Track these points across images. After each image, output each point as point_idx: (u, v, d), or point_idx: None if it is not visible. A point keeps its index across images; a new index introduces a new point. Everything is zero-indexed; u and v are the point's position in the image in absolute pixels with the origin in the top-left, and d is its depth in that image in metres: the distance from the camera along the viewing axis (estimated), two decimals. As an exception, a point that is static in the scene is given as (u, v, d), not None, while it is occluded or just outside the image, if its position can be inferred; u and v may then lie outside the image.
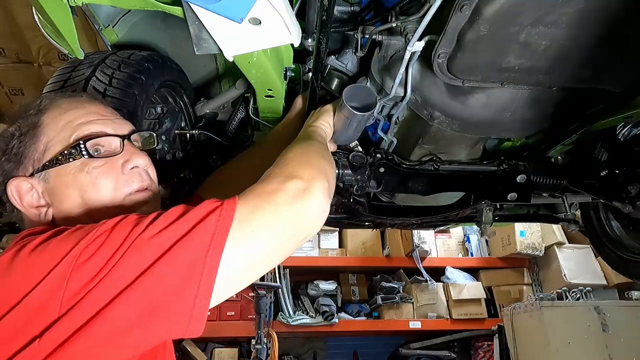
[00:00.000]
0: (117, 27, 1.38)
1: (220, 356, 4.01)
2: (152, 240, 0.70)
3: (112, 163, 0.92)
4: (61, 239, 0.73)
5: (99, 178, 0.90)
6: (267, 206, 0.78)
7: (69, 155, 0.89)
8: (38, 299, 0.67)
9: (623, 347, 2.97)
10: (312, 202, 0.82)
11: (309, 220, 0.83)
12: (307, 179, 0.84)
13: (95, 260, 0.68)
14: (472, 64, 1.01)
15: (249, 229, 0.75)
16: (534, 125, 1.28)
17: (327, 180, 0.88)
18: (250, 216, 0.76)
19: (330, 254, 4.45)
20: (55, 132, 0.91)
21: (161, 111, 1.41)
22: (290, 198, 0.80)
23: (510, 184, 1.48)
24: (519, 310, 3.33)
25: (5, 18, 2.84)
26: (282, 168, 0.88)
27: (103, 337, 0.66)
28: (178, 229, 0.72)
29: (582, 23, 0.91)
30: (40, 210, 0.90)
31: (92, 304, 0.66)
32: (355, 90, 1.13)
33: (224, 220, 0.74)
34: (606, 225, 1.81)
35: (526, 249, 4.24)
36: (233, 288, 0.76)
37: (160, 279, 0.69)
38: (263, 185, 0.83)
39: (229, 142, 1.58)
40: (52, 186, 0.89)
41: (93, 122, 0.93)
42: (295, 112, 1.44)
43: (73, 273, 0.67)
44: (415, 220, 1.70)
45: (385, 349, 4.63)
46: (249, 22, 0.90)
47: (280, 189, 0.81)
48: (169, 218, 0.74)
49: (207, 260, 0.70)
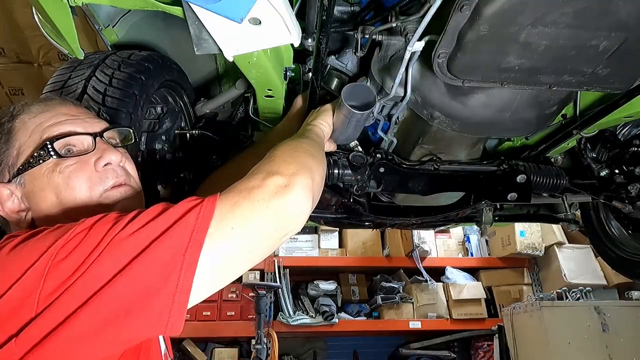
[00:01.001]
0: (117, 27, 1.38)
1: (220, 356, 4.01)
2: (130, 238, 0.70)
3: (84, 161, 0.92)
4: (39, 238, 0.73)
5: (71, 177, 0.90)
6: (246, 203, 0.78)
7: (38, 157, 0.89)
8: (15, 297, 0.67)
9: (623, 347, 2.97)
10: (292, 198, 0.81)
11: (289, 217, 0.82)
12: (288, 175, 0.83)
13: (72, 258, 0.68)
14: (472, 64, 1.01)
15: (228, 226, 0.75)
16: (534, 125, 1.28)
17: (311, 177, 0.87)
18: (230, 213, 0.76)
19: (330, 254, 4.45)
20: (26, 136, 0.92)
21: (161, 111, 1.41)
22: (270, 195, 0.79)
23: (510, 184, 1.48)
24: (519, 310, 3.33)
25: (5, 18, 2.84)
26: (266, 165, 0.87)
27: (80, 335, 0.66)
28: (157, 227, 0.72)
29: (582, 23, 0.91)
30: (20, 215, 0.90)
31: (69, 302, 0.66)
32: (355, 89, 1.13)
33: (203, 217, 0.73)
34: (606, 225, 1.81)
35: (526, 249, 4.24)
36: (213, 285, 0.75)
37: (138, 277, 0.68)
38: (245, 182, 0.83)
39: (228, 142, 1.58)
40: (29, 190, 0.90)
41: (62, 123, 0.93)
42: (295, 111, 1.44)
43: (50, 271, 0.67)
44: (415, 220, 1.70)
45: (385, 349, 4.63)
46: (249, 22, 0.90)
47: (260, 186, 0.80)
48: (148, 216, 0.74)
49: (185, 257, 0.70)
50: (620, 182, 1.52)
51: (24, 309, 0.66)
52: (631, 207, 1.51)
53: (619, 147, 1.55)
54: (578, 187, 1.58)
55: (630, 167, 1.51)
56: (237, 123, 1.58)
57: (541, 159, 1.59)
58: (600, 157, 1.59)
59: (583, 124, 1.35)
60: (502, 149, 1.64)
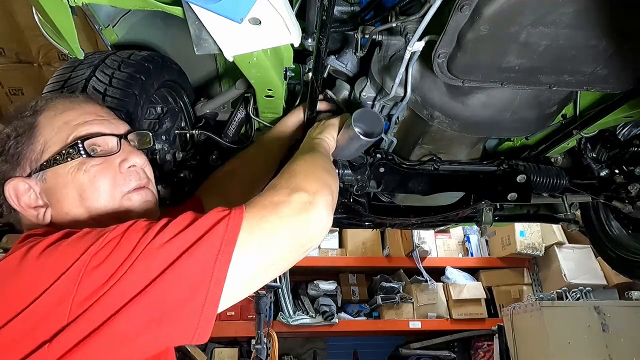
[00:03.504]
0: (117, 27, 1.38)
1: (220, 356, 4.01)
2: (162, 248, 0.72)
3: (109, 162, 0.93)
4: (71, 243, 0.73)
5: (96, 176, 0.90)
6: (273, 218, 0.80)
7: (67, 154, 0.90)
8: (48, 302, 0.68)
9: (623, 347, 2.97)
10: (316, 215, 0.85)
11: (312, 232, 0.85)
12: (312, 192, 0.86)
13: (105, 266, 0.69)
14: (472, 64, 1.01)
15: (256, 240, 0.77)
16: (534, 125, 1.28)
17: (331, 194, 0.91)
18: (257, 227, 0.78)
19: (330, 254, 4.45)
20: (52, 133, 0.92)
21: (161, 111, 1.41)
22: (296, 211, 0.83)
23: (510, 184, 1.48)
24: (519, 310, 3.33)
25: (5, 18, 2.84)
26: (288, 180, 0.90)
27: (111, 343, 0.67)
28: (187, 238, 0.73)
29: (583, 23, 0.91)
30: (38, 211, 0.90)
31: (102, 311, 0.67)
32: (366, 114, 1.15)
33: (231, 230, 0.75)
34: (606, 225, 1.81)
35: (526, 249, 4.24)
36: (238, 296, 0.78)
37: (169, 288, 0.70)
38: (269, 196, 0.85)
39: (229, 142, 1.58)
40: (50, 186, 0.90)
41: (90, 123, 0.94)
42: (296, 111, 1.44)
43: (83, 278, 0.68)
44: (415, 220, 1.70)
45: (385, 349, 4.63)
46: (249, 22, 0.90)
47: (286, 201, 0.83)
48: (178, 226, 0.75)
49: (215, 269, 0.72)
50: (620, 182, 1.52)
51: (57, 315, 0.67)
52: (631, 207, 1.51)
53: (619, 147, 1.55)
54: (578, 187, 1.58)
55: (630, 167, 1.51)
56: (236, 128, 1.58)
57: (541, 159, 1.59)
58: (600, 157, 1.59)
59: (583, 124, 1.35)
60: (502, 149, 1.64)
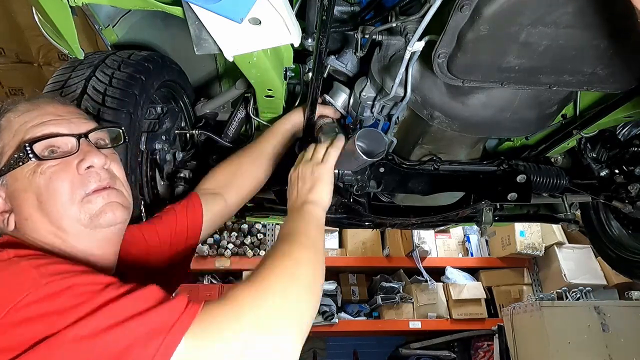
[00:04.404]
0: (117, 27, 1.38)
1: (220, 356, 4.00)
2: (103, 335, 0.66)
3: (67, 163, 0.89)
4: (21, 271, 0.71)
5: (52, 179, 0.87)
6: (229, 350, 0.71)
7: (18, 159, 0.87)
8: None
9: (623, 347, 2.97)
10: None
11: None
12: (280, 335, 0.76)
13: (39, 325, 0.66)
14: (472, 64, 1.01)
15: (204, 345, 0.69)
16: (534, 125, 1.28)
17: (302, 327, 0.80)
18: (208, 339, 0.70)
19: (330, 254, 4.44)
20: (10, 136, 0.89)
21: (161, 111, 1.41)
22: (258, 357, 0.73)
23: (510, 184, 1.48)
24: (519, 310, 3.33)
25: (5, 18, 2.84)
26: (258, 299, 0.78)
27: None
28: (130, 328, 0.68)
29: (583, 23, 0.91)
30: (4, 216, 0.88)
31: None
32: (370, 133, 1.12)
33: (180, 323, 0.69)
34: (606, 225, 1.81)
35: (526, 249, 4.24)
36: None
37: None
38: (233, 321, 0.73)
39: (229, 142, 1.58)
40: (11, 191, 0.88)
41: (46, 124, 0.91)
42: (296, 111, 1.44)
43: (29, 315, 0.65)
44: (415, 220, 1.71)
45: (385, 349, 4.63)
46: (249, 22, 0.90)
47: (248, 343, 0.72)
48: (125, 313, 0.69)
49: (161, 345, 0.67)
50: (620, 182, 1.52)
51: None
52: (631, 207, 1.51)
53: (619, 147, 1.55)
54: (578, 187, 1.58)
55: (630, 167, 1.51)
56: (236, 128, 1.57)
57: (541, 159, 1.59)
58: (600, 157, 1.59)
59: (583, 124, 1.35)
60: (502, 149, 1.64)
